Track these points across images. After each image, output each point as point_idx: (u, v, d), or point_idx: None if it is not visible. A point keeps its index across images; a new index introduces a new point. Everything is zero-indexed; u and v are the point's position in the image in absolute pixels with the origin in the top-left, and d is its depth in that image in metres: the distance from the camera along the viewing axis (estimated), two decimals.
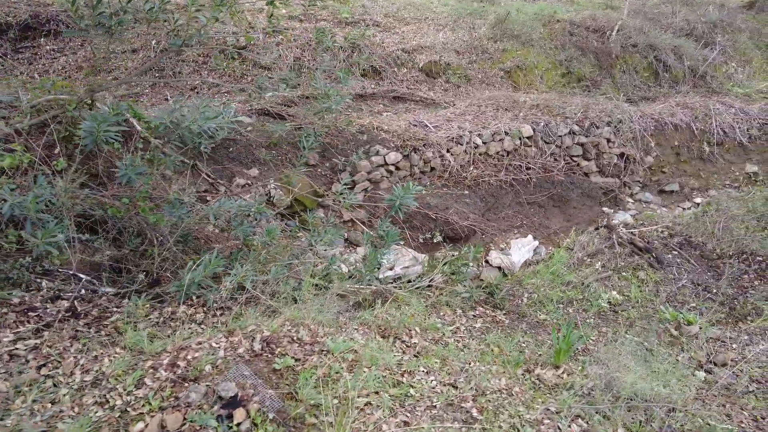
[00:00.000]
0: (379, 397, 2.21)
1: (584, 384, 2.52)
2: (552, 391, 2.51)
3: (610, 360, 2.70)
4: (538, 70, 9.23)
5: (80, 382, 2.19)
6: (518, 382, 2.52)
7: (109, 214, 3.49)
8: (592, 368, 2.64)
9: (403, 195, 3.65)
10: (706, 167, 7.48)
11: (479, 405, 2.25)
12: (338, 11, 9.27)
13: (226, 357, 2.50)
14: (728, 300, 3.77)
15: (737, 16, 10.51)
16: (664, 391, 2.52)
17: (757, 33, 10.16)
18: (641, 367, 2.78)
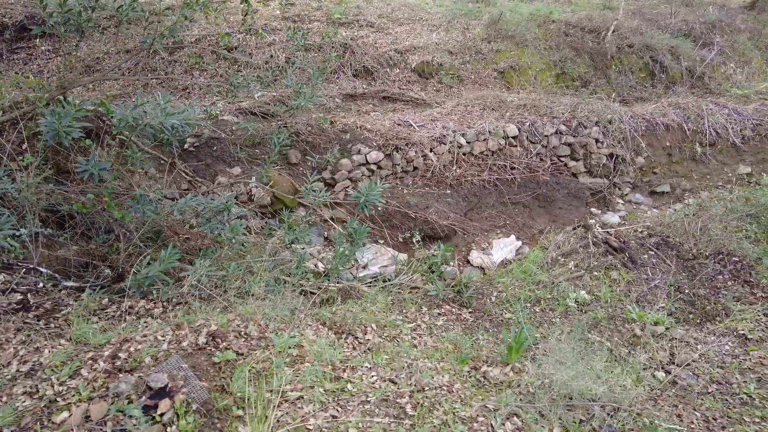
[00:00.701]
0: (313, 392, 2.19)
1: (531, 382, 2.49)
2: (495, 388, 2.48)
3: (563, 359, 2.66)
4: (532, 71, 9.17)
5: (15, 372, 2.20)
6: (461, 379, 2.49)
7: (75, 209, 3.52)
8: (542, 367, 2.60)
9: (369, 193, 3.64)
10: (698, 168, 7.38)
11: (415, 401, 2.23)
12: (332, 12, 9.30)
13: (169, 350, 2.50)
14: (699, 300, 3.70)
15: (737, 16, 10.38)
16: (614, 391, 2.48)
17: (757, 33, 10.02)
18: (597, 366, 2.73)
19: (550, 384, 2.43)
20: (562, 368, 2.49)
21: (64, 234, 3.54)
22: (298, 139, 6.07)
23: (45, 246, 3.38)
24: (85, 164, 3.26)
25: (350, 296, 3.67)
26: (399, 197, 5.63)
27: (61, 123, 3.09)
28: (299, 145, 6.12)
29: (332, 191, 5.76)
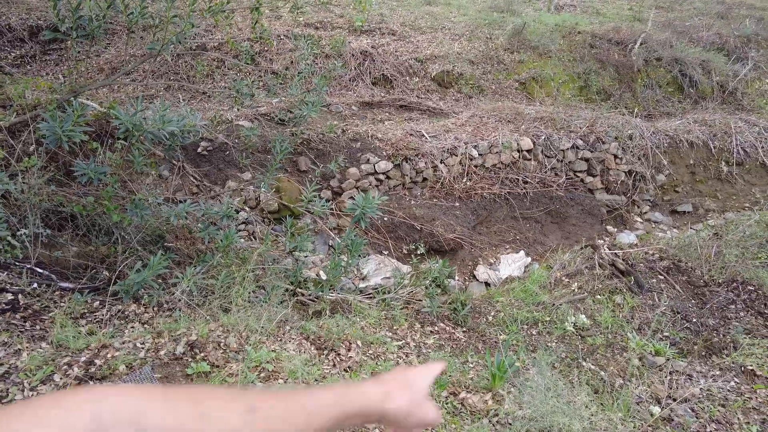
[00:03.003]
0: None
1: (511, 412, 2.39)
2: (472, 417, 2.39)
3: (548, 387, 2.55)
4: (555, 83, 8.99)
5: None
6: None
7: (75, 211, 3.59)
8: (524, 396, 2.50)
9: (366, 205, 3.59)
10: (723, 188, 7.08)
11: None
12: (354, 19, 9.34)
13: (145, 358, 2.50)
14: (706, 331, 3.52)
15: None
16: (596, 427, 2.36)
17: None
18: (583, 398, 2.61)
19: (531, 416, 2.33)
20: (545, 399, 2.38)
21: (64, 235, 3.62)
22: (309, 146, 6.09)
23: (45, 246, 3.46)
24: (84, 168, 3.32)
25: (341, 309, 3.63)
26: (406, 208, 5.57)
27: (62, 127, 3.16)
28: (310, 152, 6.13)
29: (339, 200, 5.74)
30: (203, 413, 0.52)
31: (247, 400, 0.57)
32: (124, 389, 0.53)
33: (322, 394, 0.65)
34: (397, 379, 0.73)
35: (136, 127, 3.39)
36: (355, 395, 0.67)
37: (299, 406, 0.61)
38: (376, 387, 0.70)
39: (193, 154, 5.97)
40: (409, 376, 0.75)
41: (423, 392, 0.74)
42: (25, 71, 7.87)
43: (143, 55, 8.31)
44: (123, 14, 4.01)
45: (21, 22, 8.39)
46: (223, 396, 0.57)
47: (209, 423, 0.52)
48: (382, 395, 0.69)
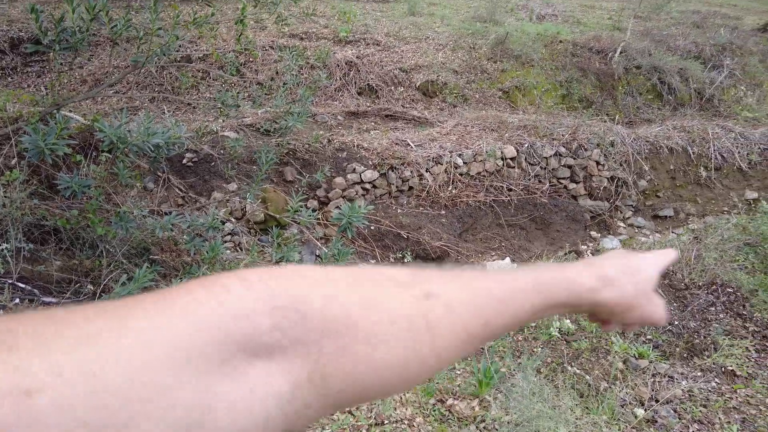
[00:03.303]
0: None
1: (497, 418, 2.42)
2: (459, 423, 2.41)
3: (535, 393, 2.58)
4: (537, 91, 9.13)
5: None
6: (425, 412, 2.43)
7: (59, 224, 3.56)
8: (510, 401, 2.53)
9: (351, 215, 3.61)
10: (703, 192, 7.23)
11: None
12: (338, 30, 9.41)
13: None
14: (688, 333, 3.59)
15: (749, 39, 10.24)
16: (581, 430, 2.40)
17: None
18: (568, 402, 2.65)
19: (517, 421, 2.36)
20: (531, 404, 2.42)
21: (47, 249, 3.58)
22: (295, 156, 6.11)
23: (27, 261, 3.42)
24: (68, 181, 3.30)
25: None
26: (392, 217, 5.60)
27: (45, 140, 3.14)
28: (296, 162, 6.15)
29: (326, 209, 5.76)
30: (368, 302, 0.42)
31: (422, 285, 0.45)
32: (279, 271, 0.42)
33: (516, 279, 0.51)
34: (619, 264, 0.60)
35: (121, 140, 3.38)
36: (561, 280, 0.54)
37: (488, 289, 0.48)
38: (590, 271, 0.57)
39: (178, 165, 5.96)
40: (633, 261, 0.61)
41: (651, 283, 0.62)
42: (5, 83, 7.78)
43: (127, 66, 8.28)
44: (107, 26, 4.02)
45: (2, 33, 8.32)
46: (391, 278, 0.45)
47: (377, 312, 0.41)
48: (598, 281, 0.56)
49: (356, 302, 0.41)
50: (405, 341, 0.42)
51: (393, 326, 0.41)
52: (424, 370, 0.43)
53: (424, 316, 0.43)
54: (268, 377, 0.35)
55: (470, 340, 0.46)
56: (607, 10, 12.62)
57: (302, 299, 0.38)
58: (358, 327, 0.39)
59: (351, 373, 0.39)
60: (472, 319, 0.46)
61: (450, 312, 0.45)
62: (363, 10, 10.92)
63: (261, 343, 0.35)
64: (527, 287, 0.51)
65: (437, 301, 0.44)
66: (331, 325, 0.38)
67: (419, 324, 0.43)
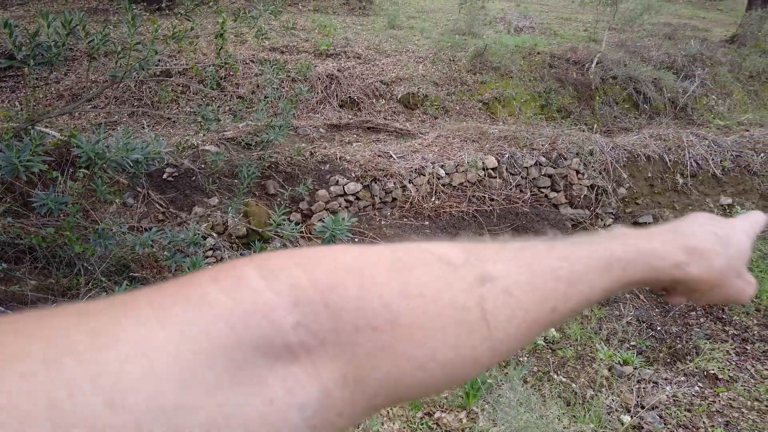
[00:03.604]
0: None
1: (484, 429, 2.41)
2: None
3: (521, 402, 2.58)
4: (517, 102, 9.27)
5: None
6: (412, 426, 2.40)
7: (35, 243, 3.47)
8: (497, 412, 2.52)
9: (335, 227, 3.59)
10: (680, 199, 7.39)
11: None
12: (319, 43, 9.45)
13: None
14: (670, 338, 3.64)
15: (718, 49, 10.57)
16: None
17: (738, 66, 10.19)
18: (555, 411, 2.65)
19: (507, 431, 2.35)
20: (518, 414, 2.41)
21: (21, 269, 3.48)
22: (277, 170, 6.07)
23: (0, 281, 3.32)
24: (43, 198, 3.22)
25: None
26: (376, 228, 5.59)
27: (19, 157, 3.07)
28: (278, 176, 6.12)
29: (309, 222, 5.73)
30: (412, 291, 0.35)
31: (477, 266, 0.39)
32: (308, 255, 0.36)
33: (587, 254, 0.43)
34: (709, 233, 0.51)
35: (99, 156, 3.32)
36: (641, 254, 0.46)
37: (552, 272, 0.41)
38: (676, 242, 0.48)
39: (158, 180, 5.87)
40: (724, 229, 0.52)
41: (744, 256, 0.52)
42: None
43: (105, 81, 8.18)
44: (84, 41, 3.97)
45: None
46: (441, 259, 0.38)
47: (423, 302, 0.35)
48: (684, 254, 0.48)
49: (397, 291, 0.35)
50: (456, 335, 0.36)
51: (442, 318, 0.36)
52: (477, 368, 0.37)
53: (480, 304, 0.37)
54: (292, 384, 0.30)
55: (533, 329, 0.40)
56: (583, 22, 12.92)
57: (333, 289, 0.33)
58: (399, 321, 0.34)
59: (391, 374, 0.33)
60: (535, 307, 0.39)
61: (510, 299, 0.38)
62: (343, 23, 11.00)
63: (283, 344, 0.30)
64: (599, 264, 0.43)
65: (495, 286, 0.38)
66: (367, 320, 0.33)
67: (474, 314, 0.37)
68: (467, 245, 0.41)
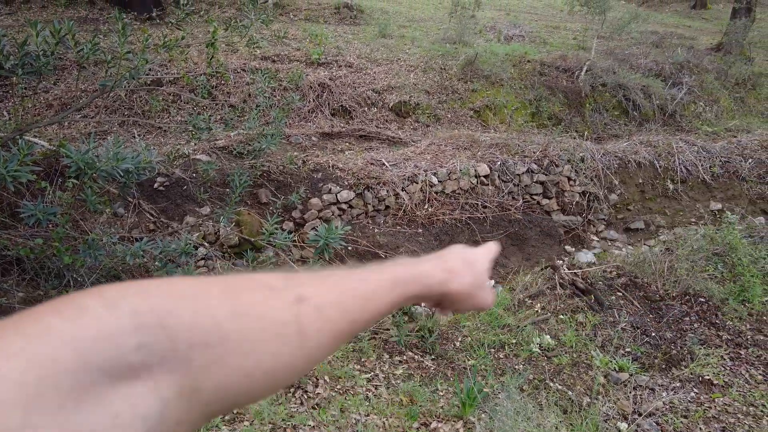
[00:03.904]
0: None
1: None
2: None
3: (518, 411, 2.56)
4: (508, 110, 9.33)
5: None
6: None
7: (22, 254, 3.41)
8: (494, 422, 2.49)
9: (328, 236, 3.57)
10: (671, 205, 7.44)
11: None
12: (310, 52, 9.46)
13: None
14: (665, 344, 3.64)
15: (704, 57, 10.73)
16: None
17: (724, 74, 10.34)
18: (555, 418, 2.63)
19: None
20: (515, 424, 2.39)
21: (9, 281, 3.42)
22: (269, 178, 6.04)
23: None
24: (32, 209, 3.17)
25: None
26: (369, 237, 5.57)
27: (6, 167, 3.02)
28: (270, 184, 6.09)
29: (302, 231, 5.70)
30: (240, 311, 0.42)
31: (297, 288, 0.47)
32: (144, 285, 0.40)
33: (378, 276, 0.55)
34: (460, 258, 0.67)
35: (89, 165, 3.27)
36: (416, 274, 0.59)
37: (353, 289, 0.51)
38: (438, 265, 0.63)
39: (149, 190, 5.82)
40: (469, 255, 0.69)
41: (485, 273, 0.69)
42: None
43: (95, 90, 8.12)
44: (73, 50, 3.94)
45: None
46: (265, 285, 0.46)
47: (248, 320, 0.42)
48: (446, 275, 0.62)
49: (227, 312, 0.41)
50: (277, 346, 0.43)
51: (265, 333, 0.42)
52: (294, 373, 0.45)
53: (296, 320, 0.45)
54: (135, 399, 0.33)
55: (338, 338, 0.48)
56: (572, 30, 13.06)
57: (169, 313, 0.37)
58: (229, 337, 0.39)
59: (223, 383, 0.39)
60: (340, 319, 0.48)
61: (320, 314, 0.47)
62: (334, 32, 11.03)
63: (126, 365, 0.33)
64: (387, 284, 0.55)
65: (308, 304, 0.46)
66: (200, 337, 0.38)
67: (291, 328, 0.44)
68: (287, 274, 0.50)
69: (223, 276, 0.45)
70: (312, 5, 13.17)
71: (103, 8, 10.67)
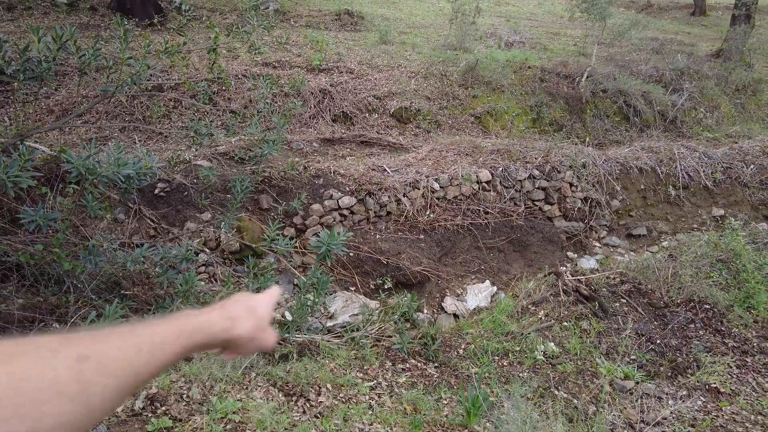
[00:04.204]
0: None
1: None
2: None
3: (525, 422, 2.52)
4: (509, 116, 9.32)
5: None
6: None
7: (22, 260, 3.38)
8: (501, 431, 2.46)
9: (330, 242, 3.54)
10: (673, 210, 7.42)
11: None
12: (311, 58, 9.47)
13: None
14: (670, 351, 3.60)
15: (704, 64, 10.74)
16: None
17: (724, 80, 10.35)
18: (561, 428, 2.59)
19: None
20: None
21: (8, 287, 3.38)
22: (270, 184, 6.02)
23: None
24: (32, 214, 3.14)
25: (309, 351, 3.52)
26: (371, 243, 5.54)
27: (7, 172, 3.00)
28: (271, 190, 6.06)
29: (303, 237, 5.67)
30: (17, 371, 0.43)
31: (77, 347, 0.49)
32: None
33: (163, 328, 0.60)
34: (242, 306, 0.73)
35: (90, 171, 3.25)
36: (200, 324, 0.64)
37: (138, 344, 0.54)
38: (221, 314, 0.69)
39: (149, 195, 5.80)
40: (251, 302, 0.75)
41: (267, 318, 0.75)
42: None
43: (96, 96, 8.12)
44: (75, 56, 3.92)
45: None
46: (47, 346, 0.47)
47: (25, 382, 0.42)
48: (228, 322, 0.68)
49: (2, 379, 0.42)
50: (58, 406, 0.44)
51: (44, 393, 0.43)
52: (81, 429, 0.46)
53: (78, 378, 0.46)
54: None
55: (123, 392, 0.51)
56: (572, 37, 13.10)
57: None
58: (3, 403, 0.40)
59: None
60: (124, 374, 0.51)
61: (103, 370, 0.49)
62: (335, 39, 11.06)
63: None
64: (172, 337, 0.59)
65: (90, 362, 0.48)
66: None
67: (72, 388, 0.45)
68: (68, 335, 0.51)
69: (6, 340, 0.46)
70: (313, 12, 13.22)
71: (104, 14, 10.70)
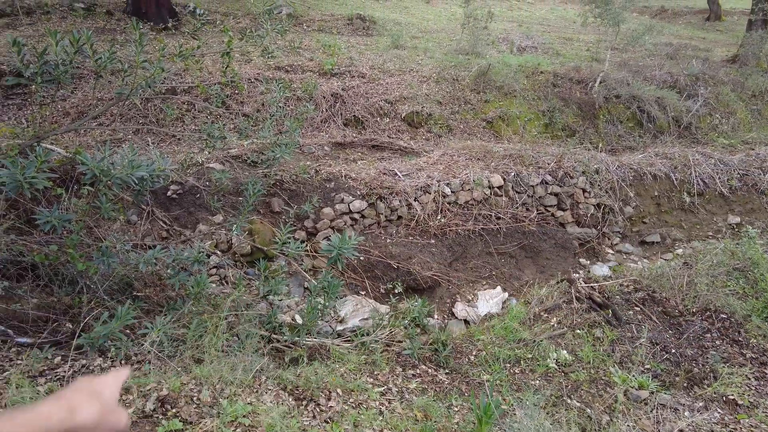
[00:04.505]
0: None
1: None
2: None
3: (538, 429, 2.48)
4: (521, 121, 9.28)
5: None
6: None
7: (36, 260, 3.41)
8: None
9: (342, 246, 3.53)
10: (687, 218, 7.32)
11: None
12: (323, 63, 9.51)
13: None
14: (686, 361, 3.53)
15: (720, 69, 10.61)
16: None
17: (740, 86, 10.21)
18: None
19: None
20: None
21: (23, 286, 3.42)
22: (282, 187, 6.04)
23: (1, 299, 3.25)
24: (47, 215, 3.17)
25: (319, 355, 3.51)
26: (382, 247, 5.52)
27: (23, 174, 3.03)
28: (283, 193, 6.08)
29: (314, 240, 5.67)
30: None
31: None
32: None
33: None
34: (83, 391, 0.72)
35: (104, 173, 3.28)
36: (33, 420, 0.63)
37: None
38: (56, 404, 0.68)
39: (162, 197, 5.84)
40: (95, 386, 0.75)
41: (113, 400, 0.75)
42: None
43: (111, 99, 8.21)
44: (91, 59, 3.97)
45: None
46: None
47: None
48: (66, 411, 0.67)
49: None
50: None
51: None
52: None
53: None
54: None
55: None
56: (585, 42, 13.02)
57: None
58: None
59: None
60: None
61: None
62: (347, 43, 11.10)
63: None
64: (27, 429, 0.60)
65: None
66: None
67: None
68: None
69: None
70: (325, 16, 13.29)
71: (120, 19, 10.84)
